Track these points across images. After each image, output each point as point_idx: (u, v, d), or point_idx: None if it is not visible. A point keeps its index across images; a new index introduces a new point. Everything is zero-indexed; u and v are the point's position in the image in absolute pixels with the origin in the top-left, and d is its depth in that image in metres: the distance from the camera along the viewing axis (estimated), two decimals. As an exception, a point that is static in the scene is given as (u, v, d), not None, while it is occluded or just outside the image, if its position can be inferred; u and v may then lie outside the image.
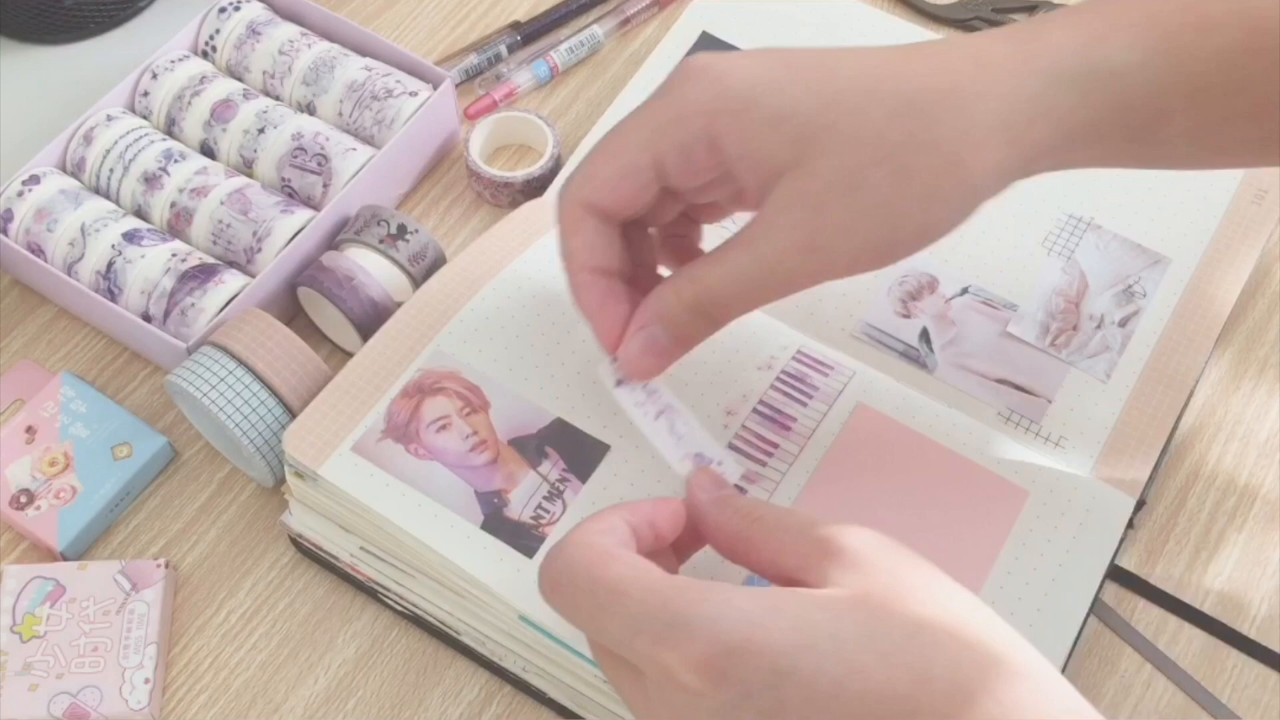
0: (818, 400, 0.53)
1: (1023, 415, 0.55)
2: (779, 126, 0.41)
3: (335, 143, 0.62)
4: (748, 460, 0.51)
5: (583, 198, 0.44)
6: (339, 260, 0.58)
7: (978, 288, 0.58)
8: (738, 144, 0.42)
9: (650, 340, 0.45)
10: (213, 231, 0.60)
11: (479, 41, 0.71)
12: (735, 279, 0.43)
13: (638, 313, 0.45)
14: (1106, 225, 0.60)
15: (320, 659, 0.53)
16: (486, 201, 0.66)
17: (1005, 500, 0.51)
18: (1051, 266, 0.59)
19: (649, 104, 0.44)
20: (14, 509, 0.55)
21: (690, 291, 0.43)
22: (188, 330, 0.57)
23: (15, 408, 0.59)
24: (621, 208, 0.44)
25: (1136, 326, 0.57)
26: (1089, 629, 0.52)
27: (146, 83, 0.65)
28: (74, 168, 0.63)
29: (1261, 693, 0.52)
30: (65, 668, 0.51)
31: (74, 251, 0.59)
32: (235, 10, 0.67)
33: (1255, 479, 0.57)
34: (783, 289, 0.43)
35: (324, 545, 0.53)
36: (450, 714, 0.52)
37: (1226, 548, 0.55)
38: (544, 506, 0.49)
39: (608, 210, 0.44)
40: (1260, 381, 0.59)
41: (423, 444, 0.51)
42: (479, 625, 0.50)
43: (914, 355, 0.57)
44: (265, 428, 0.53)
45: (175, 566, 0.55)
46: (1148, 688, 0.52)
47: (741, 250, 0.42)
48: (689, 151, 0.43)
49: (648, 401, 0.47)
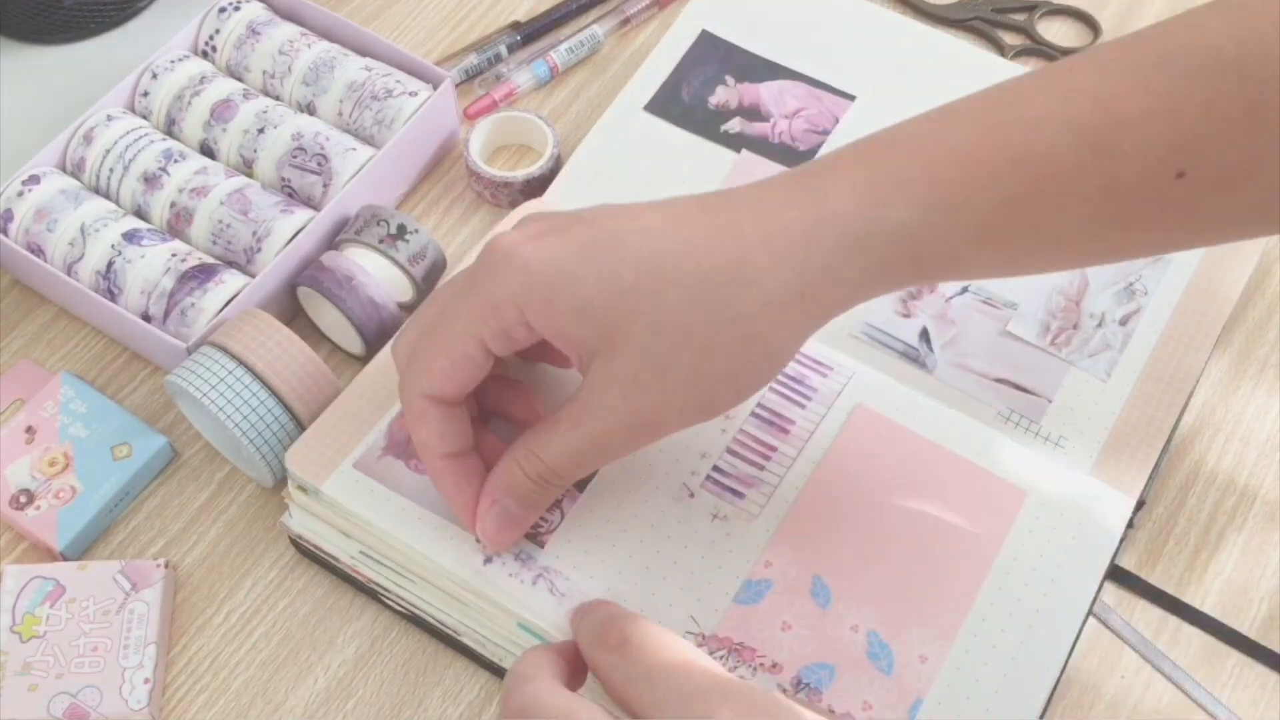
0: (816, 402, 0.53)
1: (1022, 415, 0.55)
2: (583, 317, 0.43)
3: (335, 143, 0.62)
4: (745, 465, 0.51)
5: (423, 391, 0.47)
6: (339, 260, 0.58)
7: (978, 286, 0.58)
8: (549, 330, 0.44)
9: (504, 513, 0.47)
10: (212, 231, 0.60)
11: (479, 41, 0.71)
12: (570, 454, 0.46)
13: (486, 488, 0.48)
14: None
15: (320, 659, 0.53)
16: (486, 201, 0.66)
17: (1004, 500, 0.51)
18: None
19: (463, 294, 0.46)
20: (14, 509, 0.55)
21: (533, 467, 0.46)
22: (187, 330, 0.57)
23: (15, 408, 0.59)
24: (460, 391, 0.47)
25: (1137, 325, 0.57)
26: (1089, 629, 0.52)
27: (146, 83, 0.65)
28: (74, 168, 0.63)
29: (1261, 693, 0.52)
30: (65, 668, 0.51)
31: (74, 251, 0.59)
32: (235, 10, 0.67)
33: (1255, 479, 0.57)
34: (615, 456, 0.47)
35: (324, 546, 0.53)
36: (450, 714, 0.52)
37: (1226, 548, 0.55)
38: (543, 515, 0.49)
39: (448, 397, 0.47)
40: (1260, 381, 0.59)
41: None
42: (479, 628, 0.50)
43: (914, 355, 0.57)
44: (265, 428, 0.53)
45: (175, 566, 0.56)
46: (1148, 688, 0.52)
47: (571, 428, 0.45)
48: (510, 332, 0.45)
49: (521, 570, 0.49)
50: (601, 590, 0.48)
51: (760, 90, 0.65)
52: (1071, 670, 0.51)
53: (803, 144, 0.63)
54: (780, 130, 0.64)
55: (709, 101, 0.65)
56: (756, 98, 0.65)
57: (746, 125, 0.64)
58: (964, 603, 0.49)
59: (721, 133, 0.64)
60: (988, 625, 0.48)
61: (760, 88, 0.65)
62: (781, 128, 0.64)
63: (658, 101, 0.65)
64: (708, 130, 0.64)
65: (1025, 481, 0.52)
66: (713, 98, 0.65)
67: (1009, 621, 0.49)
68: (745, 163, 0.63)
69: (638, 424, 0.45)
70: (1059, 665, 0.48)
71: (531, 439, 0.47)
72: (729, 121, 0.64)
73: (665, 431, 0.46)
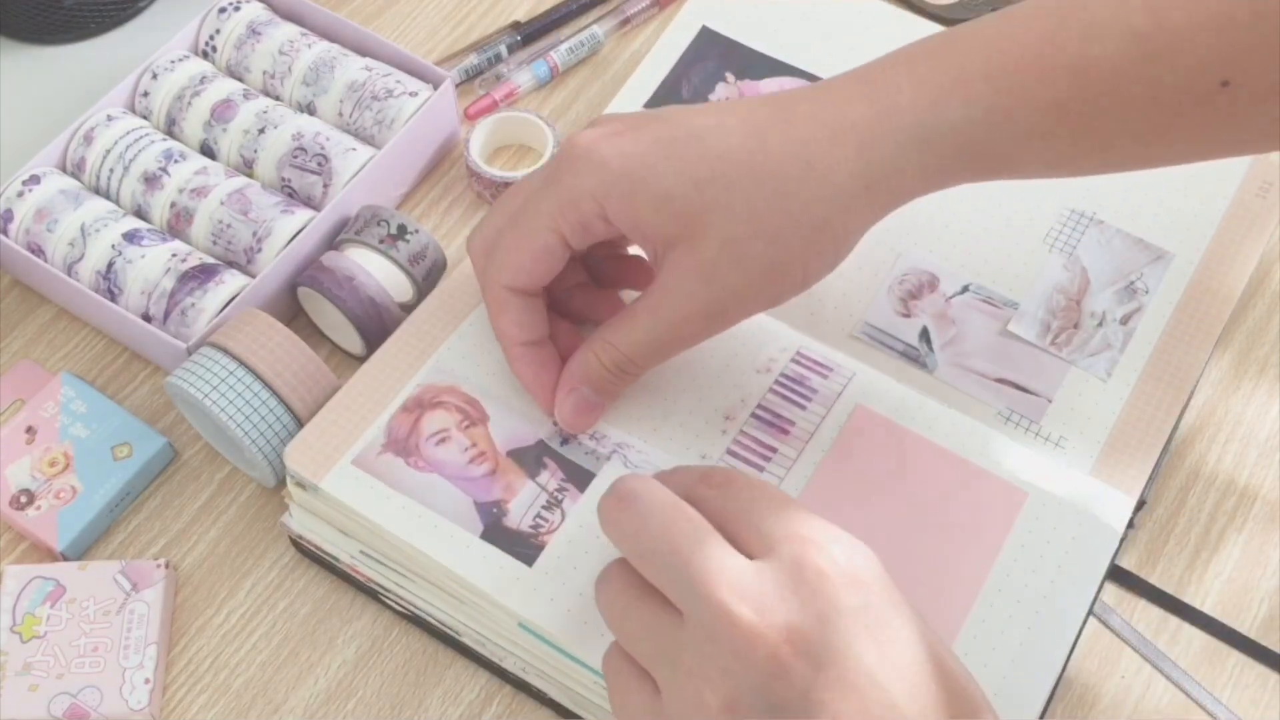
0: (816, 403, 0.53)
1: (1023, 415, 0.55)
2: (662, 208, 0.46)
3: (335, 143, 0.62)
4: (746, 466, 0.51)
5: (504, 283, 0.50)
6: (339, 260, 0.58)
7: (978, 286, 0.58)
8: (628, 222, 0.47)
9: (581, 400, 0.51)
10: (213, 232, 0.60)
11: (479, 41, 0.71)
12: (646, 342, 0.49)
13: (564, 376, 0.51)
14: (1109, 220, 0.60)
15: (320, 659, 0.53)
16: (486, 201, 0.66)
17: (1005, 501, 0.51)
18: (1053, 263, 0.59)
19: (544, 188, 0.49)
20: (14, 509, 0.55)
21: (609, 355, 0.49)
22: (188, 330, 0.57)
23: (15, 408, 0.59)
24: (538, 282, 0.50)
25: (1138, 324, 0.57)
26: (1089, 629, 0.52)
27: (146, 83, 0.65)
28: (74, 168, 0.63)
29: (1261, 693, 0.52)
30: (65, 668, 0.51)
31: (74, 251, 0.59)
32: (235, 10, 0.67)
33: (1255, 479, 0.57)
34: (689, 344, 0.50)
35: (324, 546, 0.53)
36: (450, 714, 0.52)
37: (1226, 548, 0.55)
38: (543, 515, 0.50)
39: (527, 288, 0.50)
40: (1260, 381, 0.59)
41: (423, 457, 0.51)
42: (479, 628, 0.50)
43: (914, 355, 0.57)
44: (266, 428, 0.53)
45: (175, 566, 0.56)
46: (1148, 688, 0.52)
47: (648, 316, 0.48)
48: (588, 226, 0.48)
49: (597, 447, 0.51)
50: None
51: (760, 87, 0.65)
52: (1071, 670, 0.51)
53: None
54: None
55: (709, 99, 0.65)
56: (756, 95, 0.65)
57: None
58: (964, 603, 0.49)
59: None
60: (988, 626, 0.48)
61: (760, 85, 0.65)
62: None
63: (658, 99, 0.65)
64: None
65: (1025, 482, 0.52)
66: (713, 95, 0.65)
67: (1009, 622, 0.49)
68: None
69: (713, 310, 0.48)
70: (1059, 665, 0.48)
71: (608, 330, 0.50)
72: (729, 120, 0.64)
73: (736, 319, 0.49)
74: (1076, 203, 0.60)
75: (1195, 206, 0.60)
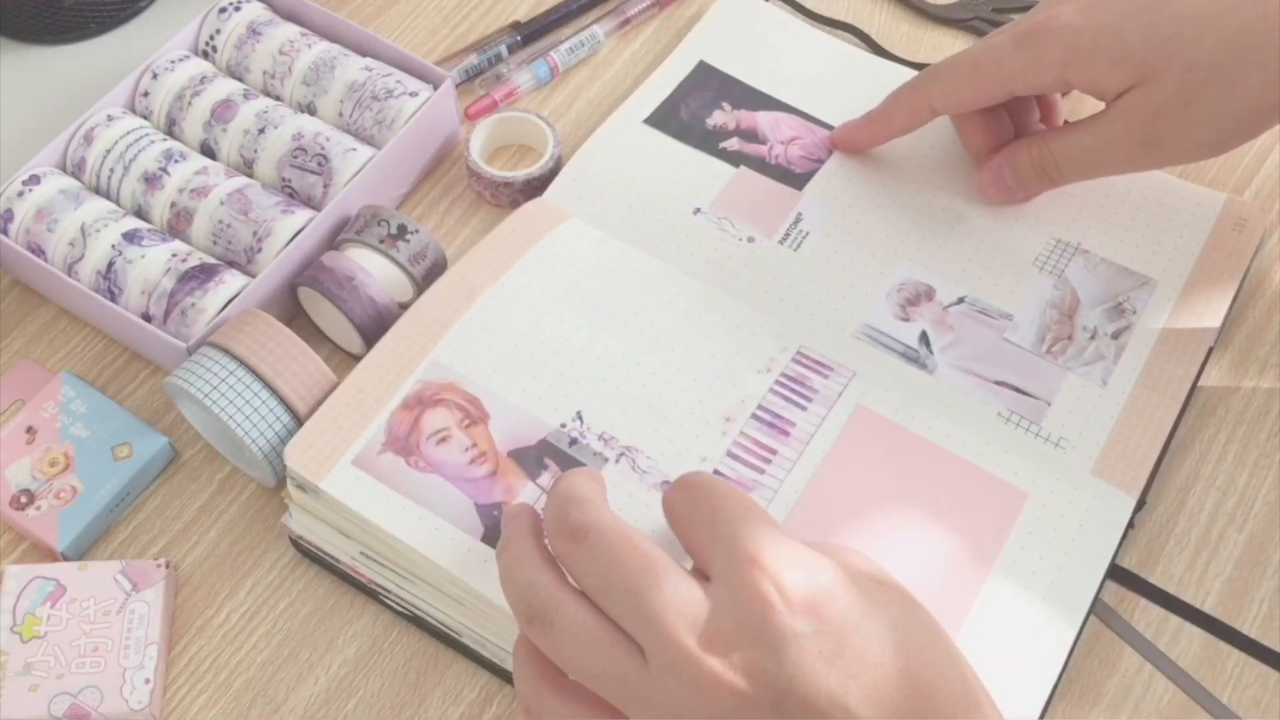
0: (817, 404, 0.53)
1: (1023, 416, 0.55)
2: (1121, 65, 0.52)
3: (335, 143, 0.62)
4: (746, 468, 0.51)
5: (929, 103, 0.58)
6: (339, 260, 0.58)
7: (973, 298, 0.58)
8: (1085, 82, 0.54)
9: (998, 176, 0.59)
10: (213, 231, 0.60)
11: (479, 41, 0.71)
12: (1077, 151, 0.56)
13: (995, 157, 0.59)
14: (1094, 250, 0.60)
15: (320, 659, 0.53)
16: (486, 201, 0.66)
17: (1005, 501, 0.51)
18: (1043, 283, 0.59)
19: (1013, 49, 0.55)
20: (14, 509, 0.55)
21: (1038, 151, 0.57)
22: (188, 330, 0.57)
23: (15, 408, 0.59)
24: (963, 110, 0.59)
25: (1129, 339, 0.57)
26: (1089, 629, 0.52)
27: (147, 83, 0.65)
28: (74, 168, 0.63)
29: (1261, 693, 0.52)
30: (66, 668, 0.51)
31: (74, 251, 0.59)
32: (235, 10, 0.67)
33: (1255, 479, 0.57)
34: (1113, 169, 0.56)
35: (324, 547, 0.53)
36: (450, 714, 0.52)
37: (1226, 548, 0.55)
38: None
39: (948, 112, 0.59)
40: (1260, 381, 0.59)
41: (423, 456, 0.51)
42: (479, 629, 0.50)
43: (914, 356, 0.57)
44: (267, 428, 0.53)
45: (175, 566, 0.56)
46: (1148, 688, 0.52)
47: (1086, 131, 0.55)
48: (1041, 88, 0.55)
49: (605, 449, 0.51)
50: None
51: (757, 117, 0.65)
52: (1071, 670, 0.51)
53: (798, 168, 0.63)
54: (776, 153, 0.64)
55: (707, 122, 0.65)
56: (753, 123, 0.65)
57: (744, 145, 0.64)
58: (965, 603, 0.49)
59: (720, 149, 0.64)
60: (989, 626, 0.48)
61: (757, 115, 0.65)
62: (778, 151, 0.64)
63: (657, 116, 0.65)
64: (707, 145, 0.64)
65: (1026, 482, 0.52)
66: (710, 119, 0.65)
67: (1010, 622, 0.49)
68: (744, 177, 0.63)
69: (1149, 140, 0.53)
70: (1059, 665, 0.48)
71: (1044, 133, 0.58)
72: (727, 140, 0.64)
73: (1168, 157, 0.54)
74: (1061, 233, 0.60)
75: (1174, 240, 0.60)
